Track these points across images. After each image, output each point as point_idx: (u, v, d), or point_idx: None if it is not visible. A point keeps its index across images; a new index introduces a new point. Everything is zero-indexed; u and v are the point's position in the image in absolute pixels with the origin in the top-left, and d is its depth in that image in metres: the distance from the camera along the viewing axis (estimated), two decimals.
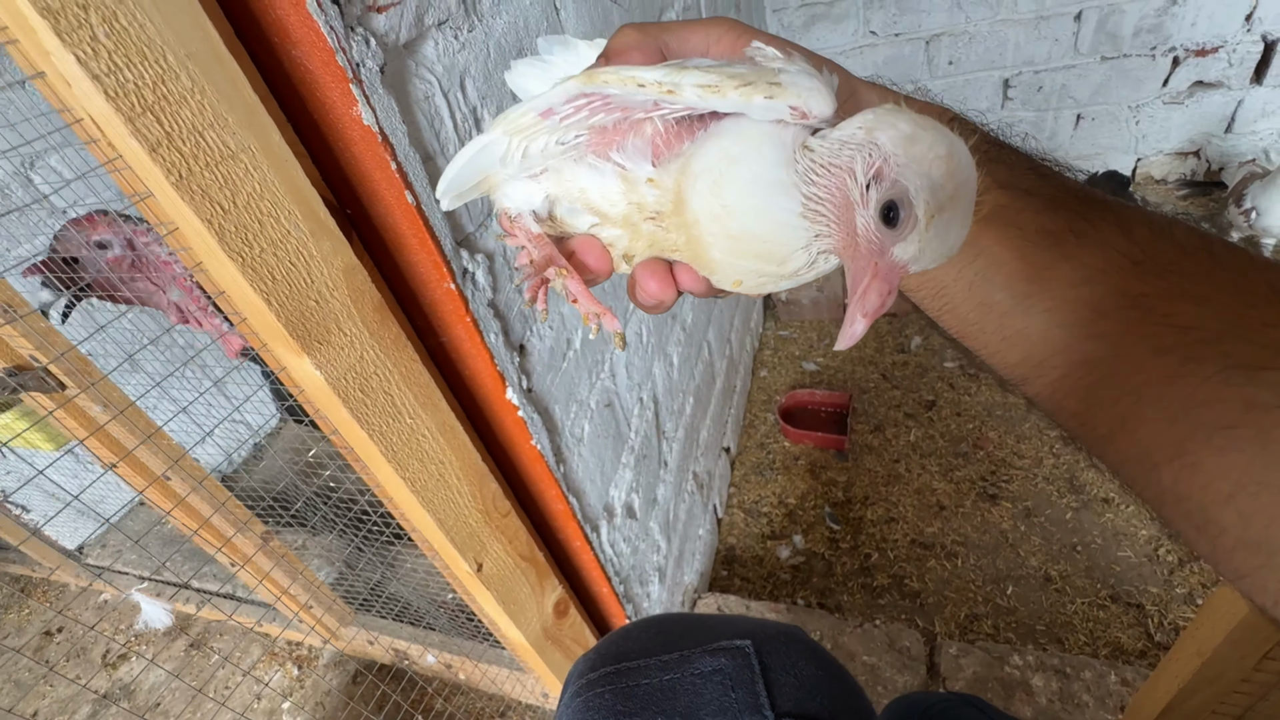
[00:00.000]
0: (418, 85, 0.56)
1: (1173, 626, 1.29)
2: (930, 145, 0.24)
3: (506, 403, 0.70)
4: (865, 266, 0.25)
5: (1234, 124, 2.11)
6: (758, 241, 0.27)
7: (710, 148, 0.27)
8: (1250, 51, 1.96)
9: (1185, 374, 0.24)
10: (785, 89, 0.25)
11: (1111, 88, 2.14)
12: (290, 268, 0.46)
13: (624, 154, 0.29)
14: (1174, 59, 2.03)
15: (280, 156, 0.44)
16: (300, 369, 0.50)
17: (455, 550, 0.66)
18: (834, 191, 0.25)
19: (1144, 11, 1.97)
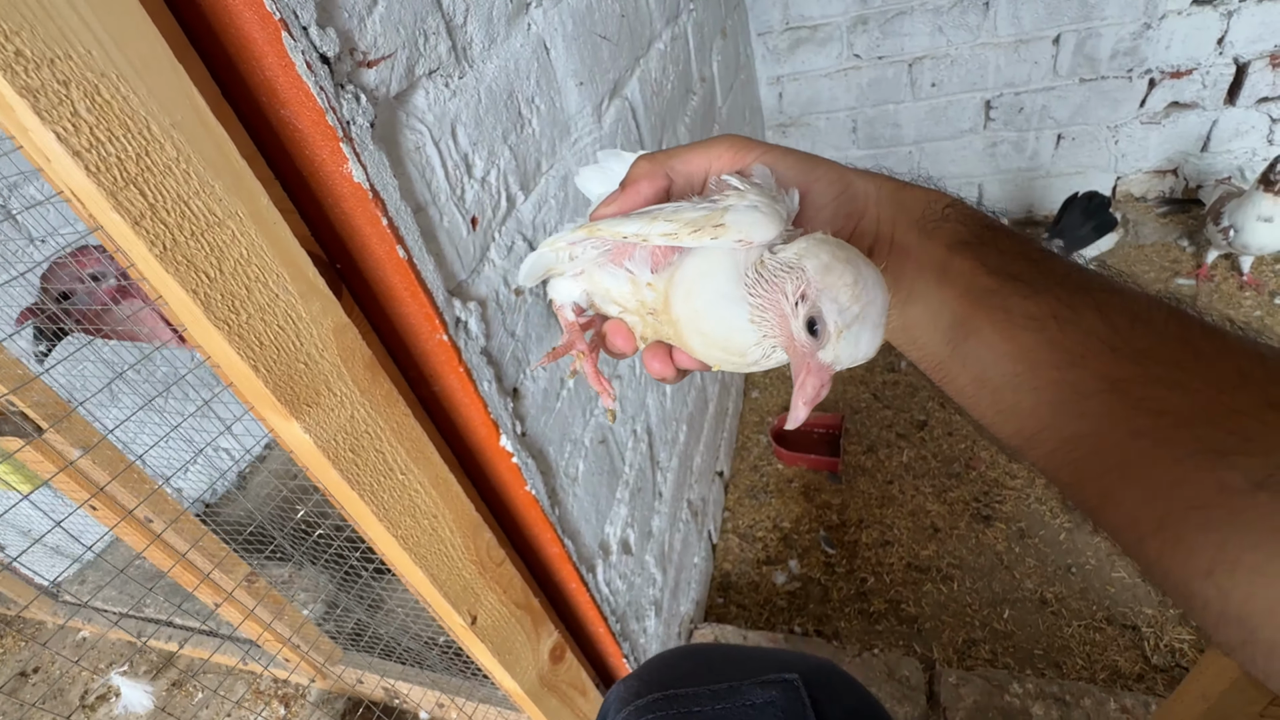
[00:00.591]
0: (409, 136, 0.56)
1: (1169, 648, 1.29)
2: (840, 275, 0.30)
3: (500, 450, 0.69)
4: (801, 363, 0.31)
5: (1209, 143, 2.15)
6: (721, 339, 0.34)
7: (688, 265, 0.35)
8: (1223, 74, 2.01)
9: (1160, 456, 0.25)
10: (727, 229, 0.32)
11: (1090, 108, 2.18)
12: (279, 332, 0.45)
13: (633, 262, 0.37)
14: (1150, 80, 2.08)
15: (268, 220, 0.43)
16: (289, 433, 0.48)
17: (449, 604, 0.64)
18: (773, 304, 0.32)
19: (1120, 35, 2.01)
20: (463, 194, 0.63)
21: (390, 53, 0.53)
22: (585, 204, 0.90)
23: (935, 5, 2.09)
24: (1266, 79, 1.99)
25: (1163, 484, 0.25)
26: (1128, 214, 2.31)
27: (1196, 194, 2.23)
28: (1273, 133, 2.08)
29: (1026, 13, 2.04)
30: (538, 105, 0.77)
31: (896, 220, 0.35)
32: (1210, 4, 1.91)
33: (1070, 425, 0.28)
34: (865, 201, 0.35)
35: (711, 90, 1.68)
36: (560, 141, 0.83)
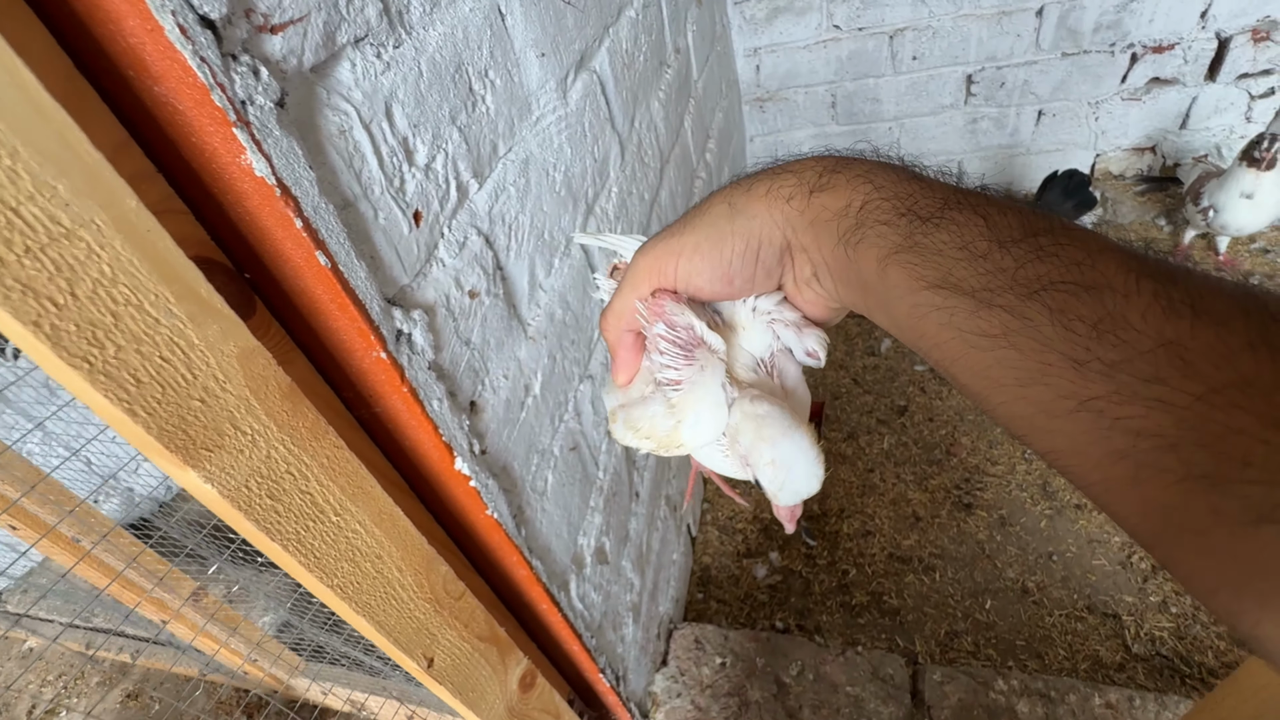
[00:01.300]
0: (330, 118, 0.47)
1: (1149, 637, 1.28)
2: (760, 453, 0.34)
3: (456, 474, 0.62)
4: None
5: (1189, 120, 2.13)
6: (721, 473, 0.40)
7: None
8: (1205, 49, 1.98)
9: (1145, 479, 0.22)
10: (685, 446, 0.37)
11: (1072, 84, 2.13)
12: (161, 365, 0.36)
13: None
14: (1132, 55, 2.03)
15: (139, 228, 0.34)
16: (187, 481, 0.40)
17: (400, 651, 0.57)
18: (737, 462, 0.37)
19: (1104, 8, 1.96)
20: (402, 185, 0.54)
21: (301, 15, 0.43)
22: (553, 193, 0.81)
23: None
24: (1247, 54, 1.96)
25: (1152, 506, 0.23)
26: (1106, 192, 2.29)
27: (1174, 172, 2.22)
28: (1251, 110, 2.06)
29: None
30: (492, 80, 0.68)
31: (821, 243, 0.32)
32: None
33: (1045, 440, 0.25)
34: (784, 241, 0.33)
35: (687, 62, 1.58)
36: (520, 121, 0.74)
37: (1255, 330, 0.21)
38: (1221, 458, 0.21)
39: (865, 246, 0.29)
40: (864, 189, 0.30)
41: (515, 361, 0.74)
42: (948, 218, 0.27)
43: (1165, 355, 0.22)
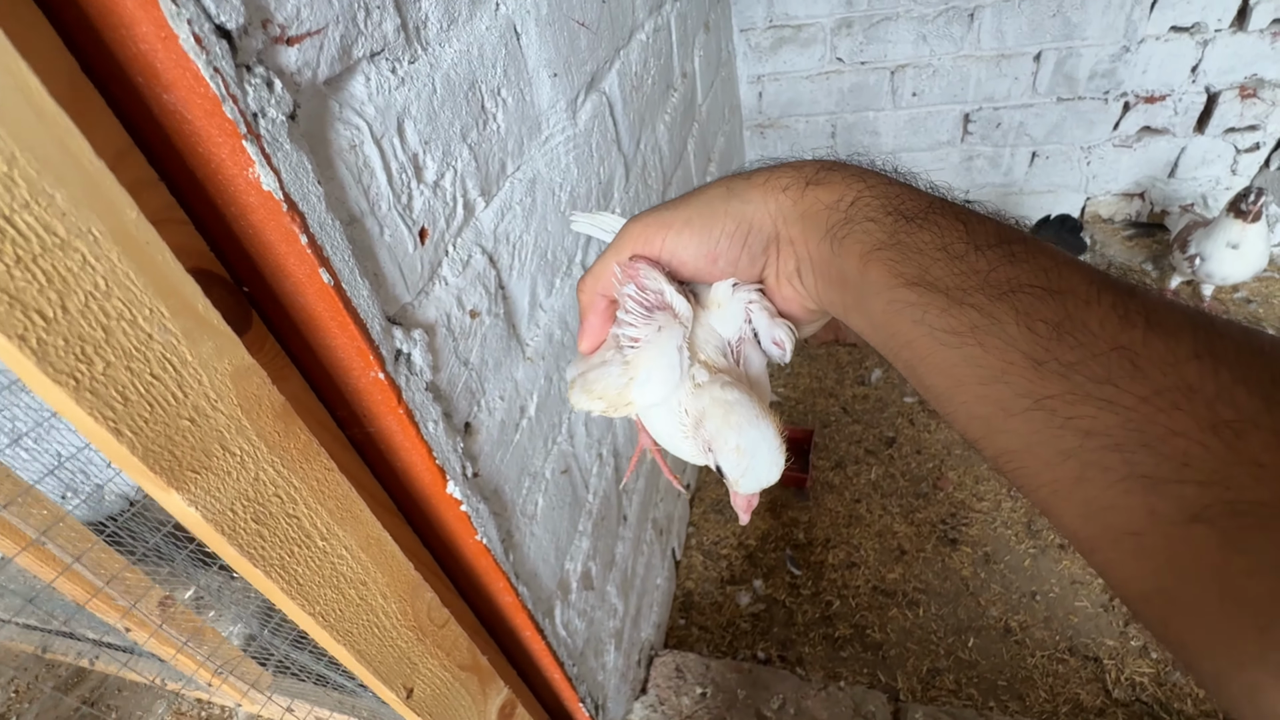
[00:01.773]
0: (342, 133, 0.46)
1: (1130, 682, 1.28)
2: (725, 439, 0.34)
3: (447, 497, 0.60)
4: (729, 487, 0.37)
5: (1177, 169, 2.18)
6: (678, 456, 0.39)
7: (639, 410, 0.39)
8: (1195, 102, 2.03)
9: (1090, 478, 0.24)
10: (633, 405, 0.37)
11: (1066, 128, 2.18)
12: (151, 383, 0.35)
13: None
14: (1125, 104, 2.09)
15: (137, 240, 0.33)
16: (170, 504, 0.38)
17: (379, 681, 0.55)
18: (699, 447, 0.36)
19: (1099, 57, 2.01)
20: (410, 202, 0.53)
21: (319, 28, 0.43)
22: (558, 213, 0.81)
23: (921, 13, 2.05)
24: (1235, 110, 2.01)
25: (1094, 506, 0.24)
26: (1095, 235, 2.33)
27: (1162, 219, 2.26)
28: (1236, 163, 2.11)
29: (1010, 27, 2.01)
30: (504, 98, 0.67)
31: (807, 236, 0.33)
32: (1188, 31, 1.91)
33: (999, 440, 0.27)
34: (773, 228, 0.34)
35: (693, 87, 1.59)
36: (529, 140, 0.73)
37: (1201, 342, 0.23)
38: (1161, 458, 0.22)
39: (850, 242, 0.30)
40: (856, 186, 0.32)
41: (512, 382, 0.72)
42: (931, 220, 0.29)
43: (1117, 359, 0.24)
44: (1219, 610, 0.21)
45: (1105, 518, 0.23)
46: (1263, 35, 1.87)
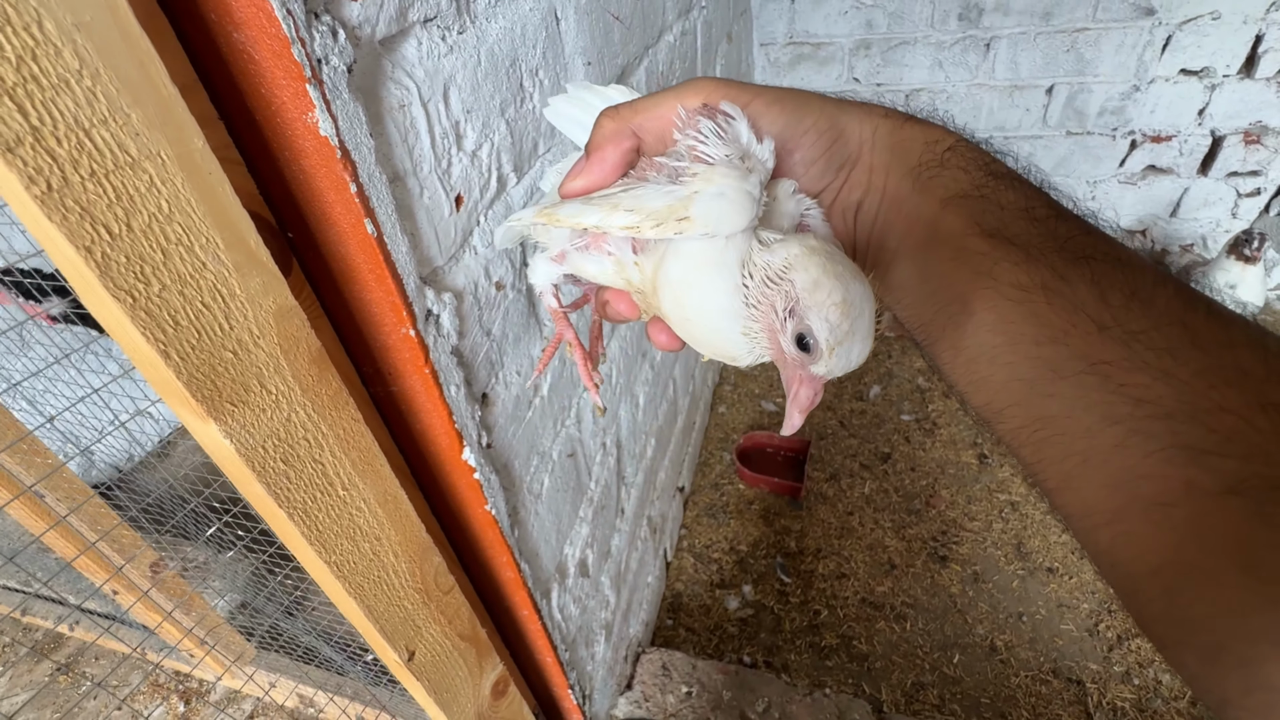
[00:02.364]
0: (393, 91, 0.47)
1: (1110, 706, 1.29)
2: (829, 293, 0.28)
3: (462, 464, 0.61)
4: (793, 375, 0.31)
5: (1179, 209, 2.22)
6: (711, 346, 0.33)
7: (672, 264, 0.32)
8: (1200, 144, 2.07)
9: (1131, 446, 0.24)
10: (693, 222, 0.29)
11: (1074, 162, 2.22)
12: (201, 311, 0.35)
13: (613, 247, 0.34)
14: (1132, 142, 2.13)
15: (202, 168, 0.34)
16: (205, 435, 0.39)
17: (384, 640, 0.55)
18: (764, 319, 0.30)
19: (1109, 94, 2.05)
20: (449, 167, 0.54)
21: None
22: None
23: (938, 40, 2.09)
24: (1238, 154, 2.06)
25: (1128, 475, 0.24)
26: None
27: (1163, 258, 2.30)
28: (1238, 207, 2.16)
29: (1025, 60, 2.05)
30: (541, 79, 0.68)
31: (891, 168, 0.32)
32: (1197, 75, 1.96)
33: (1039, 404, 0.27)
34: (859, 149, 0.32)
35: None
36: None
37: (1254, 332, 0.24)
38: (1208, 430, 0.22)
39: (935, 184, 0.30)
40: (953, 136, 0.32)
41: (529, 359, 0.73)
42: (1019, 182, 0.30)
43: (1179, 334, 0.24)
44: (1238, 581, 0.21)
45: (1137, 487, 0.24)
46: (1269, 83, 1.91)
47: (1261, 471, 0.21)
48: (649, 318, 0.36)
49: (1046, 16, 1.95)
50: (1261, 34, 1.84)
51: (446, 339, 0.55)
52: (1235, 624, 0.21)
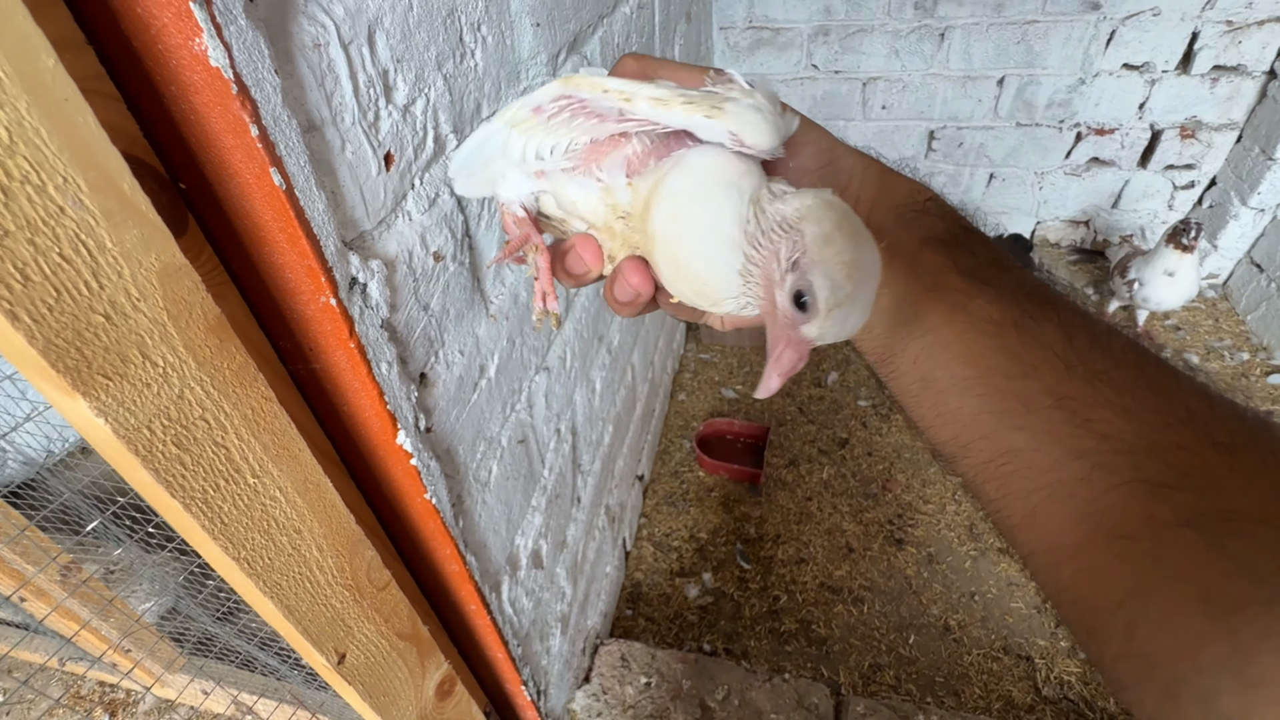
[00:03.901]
0: (305, 27, 0.41)
1: (1059, 680, 1.33)
2: (839, 250, 0.26)
3: (397, 449, 0.56)
4: (780, 334, 0.29)
5: (1120, 200, 2.30)
6: (697, 279, 0.31)
7: (678, 176, 0.30)
8: (1140, 137, 2.15)
9: (1095, 479, 0.25)
10: (725, 114, 0.28)
11: (1023, 153, 2.27)
12: (60, 265, 0.30)
13: (604, 171, 0.32)
14: (1078, 134, 2.19)
15: (54, 93, 0.28)
16: (75, 413, 0.33)
17: (309, 642, 0.51)
18: (765, 264, 0.28)
19: (1057, 86, 2.10)
20: (376, 120, 0.49)
21: None
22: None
23: (895, 29, 2.10)
24: (1175, 148, 2.14)
25: (1092, 508, 0.25)
26: (1042, 259, 2.44)
27: (1104, 247, 2.38)
28: (1174, 198, 2.25)
29: (977, 50, 2.08)
30: (484, 36, 0.63)
31: (876, 203, 0.34)
32: (1138, 70, 2.02)
33: (1009, 438, 0.28)
34: (849, 179, 0.34)
35: None
36: (507, 86, 0.70)
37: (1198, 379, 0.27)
38: (1166, 466, 0.24)
39: (916, 226, 0.33)
40: (929, 193, 0.35)
41: (473, 338, 0.68)
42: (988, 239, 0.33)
43: (1136, 375, 0.27)
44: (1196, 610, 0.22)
45: (1101, 519, 0.25)
46: (1203, 80, 1.99)
47: (1215, 505, 0.23)
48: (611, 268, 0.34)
49: (998, 8, 1.98)
50: (1198, 31, 1.91)
51: (375, 311, 0.50)
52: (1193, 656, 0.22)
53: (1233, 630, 0.21)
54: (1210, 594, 0.22)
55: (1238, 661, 0.20)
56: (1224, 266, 2.16)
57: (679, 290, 0.32)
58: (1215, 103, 2.02)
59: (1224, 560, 0.22)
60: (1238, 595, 0.21)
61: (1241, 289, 2.12)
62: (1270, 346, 1.97)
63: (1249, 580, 0.21)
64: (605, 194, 0.32)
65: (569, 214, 0.35)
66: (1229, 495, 0.23)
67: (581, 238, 0.34)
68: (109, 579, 1.44)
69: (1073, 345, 0.27)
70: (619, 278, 0.33)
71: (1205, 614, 0.22)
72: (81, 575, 1.07)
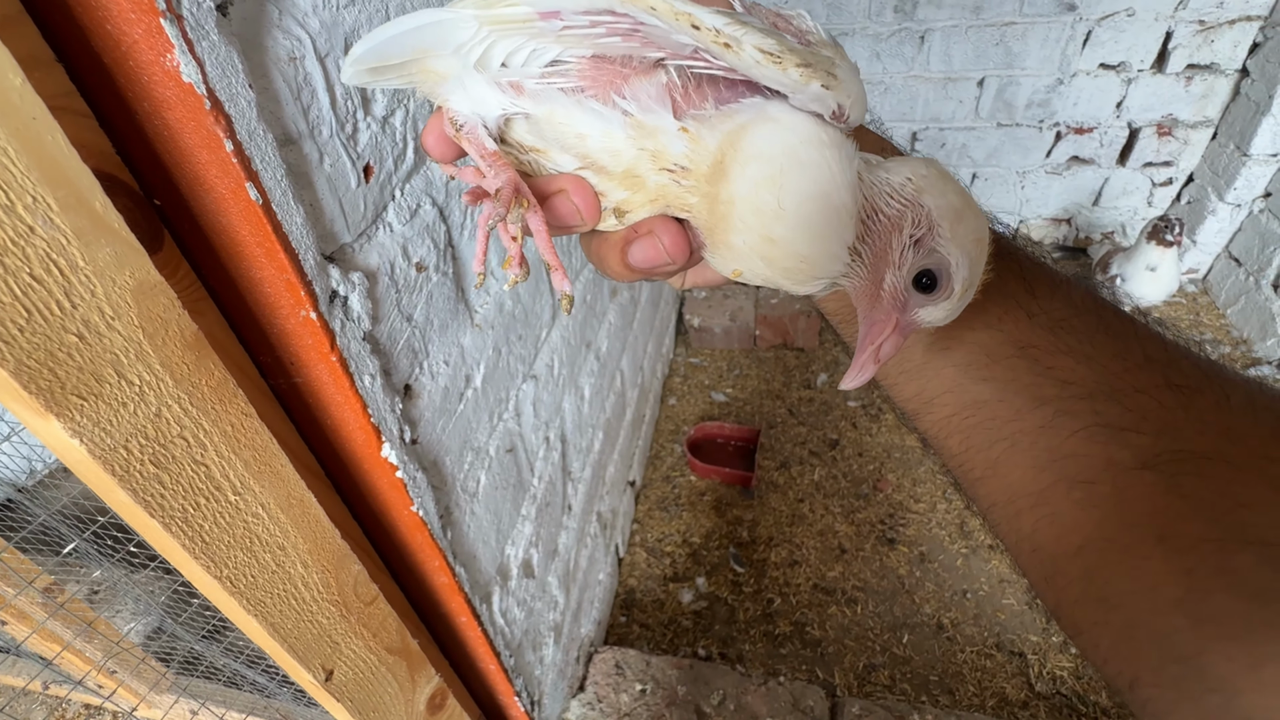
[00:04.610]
0: (281, 41, 0.41)
1: (1051, 676, 1.33)
2: (974, 227, 0.24)
3: (382, 462, 0.55)
4: (884, 318, 0.26)
5: (1101, 198, 2.33)
6: (794, 257, 0.26)
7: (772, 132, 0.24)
8: (1118, 135, 2.18)
9: (1057, 426, 0.25)
10: (840, 84, 0.23)
11: (1004, 153, 2.30)
12: (30, 285, 0.30)
13: (635, 101, 0.25)
14: (1057, 133, 2.22)
15: (21, 112, 0.28)
16: (49, 434, 0.33)
17: (295, 660, 0.50)
18: (881, 239, 0.25)
19: (1036, 87, 2.13)
20: (354, 133, 0.49)
21: None
22: None
23: (876, 31, 2.12)
24: (1153, 145, 2.17)
25: (1054, 455, 0.25)
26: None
27: (1085, 244, 2.41)
28: (1152, 195, 2.28)
29: (957, 52, 2.11)
30: None
31: None
32: (1114, 70, 2.05)
33: (972, 389, 0.28)
34: None
35: None
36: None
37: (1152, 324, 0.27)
38: (1124, 410, 0.24)
39: None
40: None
41: (458, 348, 0.68)
42: None
43: (1095, 321, 0.27)
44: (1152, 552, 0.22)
45: (1063, 466, 0.25)
46: (1178, 78, 2.02)
47: (1171, 446, 0.23)
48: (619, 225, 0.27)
49: (977, 10, 2.00)
50: (1171, 31, 1.94)
51: (357, 324, 0.50)
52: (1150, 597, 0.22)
53: (1187, 569, 0.21)
54: (1166, 534, 0.22)
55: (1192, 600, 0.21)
56: (1203, 261, 2.19)
57: (751, 267, 0.26)
58: (1190, 100, 2.05)
59: (1180, 501, 0.22)
60: (1192, 535, 0.21)
61: (1221, 283, 2.15)
62: (1250, 339, 2.00)
63: (1204, 520, 0.21)
64: (638, 134, 0.25)
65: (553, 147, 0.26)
66: (1186, 436, 0.23)
67: (574, 180, 0.26)
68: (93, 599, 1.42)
69: (1034, 295, 0.28)
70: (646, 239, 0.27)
71: (1161, 555, 0.22)
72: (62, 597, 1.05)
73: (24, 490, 1.93)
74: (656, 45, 0.23)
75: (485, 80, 0.25)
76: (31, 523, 1.12)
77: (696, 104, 0.25)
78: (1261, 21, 1.87)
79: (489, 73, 0.25)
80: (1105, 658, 0.24)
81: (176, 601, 1.36)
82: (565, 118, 0.25)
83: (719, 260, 0.27)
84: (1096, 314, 0.27)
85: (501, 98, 0.25)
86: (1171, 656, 0.21)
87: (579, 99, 0.25)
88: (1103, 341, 0.26)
